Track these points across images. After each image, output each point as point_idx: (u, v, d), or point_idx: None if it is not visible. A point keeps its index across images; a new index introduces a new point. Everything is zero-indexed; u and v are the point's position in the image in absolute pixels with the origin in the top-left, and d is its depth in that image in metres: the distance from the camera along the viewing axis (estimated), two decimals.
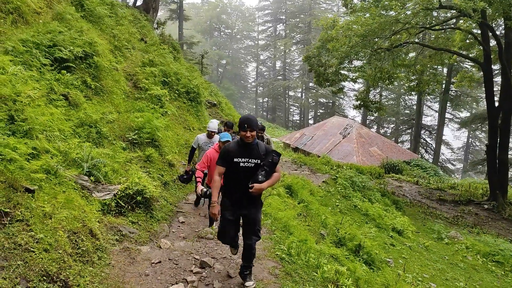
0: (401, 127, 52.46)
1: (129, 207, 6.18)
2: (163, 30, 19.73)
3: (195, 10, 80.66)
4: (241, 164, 4.23)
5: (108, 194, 6.03)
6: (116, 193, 6.09)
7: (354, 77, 22.39)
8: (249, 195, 4.23)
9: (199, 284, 4.48)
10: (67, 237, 4.11)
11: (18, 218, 3.82)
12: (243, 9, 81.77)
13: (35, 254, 3.59)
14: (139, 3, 21.01)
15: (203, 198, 7.98)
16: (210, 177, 6.01)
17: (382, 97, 52.76)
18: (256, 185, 4.16)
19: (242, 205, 4.34)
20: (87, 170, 5.96)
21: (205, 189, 5.17)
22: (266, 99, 76.40)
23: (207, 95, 17.71)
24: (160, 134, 9.18)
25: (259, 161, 4.25)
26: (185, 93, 13.26)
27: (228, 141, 5.66)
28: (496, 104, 18.53)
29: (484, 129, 37.96)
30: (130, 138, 8.46)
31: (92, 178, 5.91)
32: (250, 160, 4.24)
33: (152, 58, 12.72)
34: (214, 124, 7.76)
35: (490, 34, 17.68)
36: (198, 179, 5.69)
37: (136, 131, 8.70)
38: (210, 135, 7.72)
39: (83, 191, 5.51)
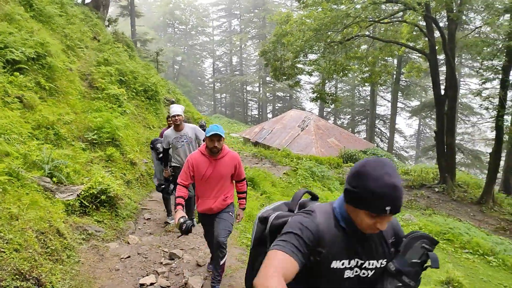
0: (356, 117, 53.89)
1: (94, 206, 6.24)
2: (116, 27, 19.47)
3: (147, 6, 79.30)
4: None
5: (71, 194, 6.08)
6: (80, 194, 6.14)
7: (309, 71, 22.88)
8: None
9: (169, 274, 4.68)
10: (36, 237, 4.19)
11: None
12: (197, 5, 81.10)
13: (6, 254, 3.66)
14: (88, 0, 20.56)
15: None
16: (197, 195, 4.38)
17: (338, 89, 54.00)
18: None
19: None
20: (49, 171, 5.98)
21: (182, 220, 3.70)
22: (224, 94, 76.35)
23: (165, 92, 17.69)
24: (121, 133, 9.20)
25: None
26: (142, 91, 13.24)
27: (218, 135, 4.02)
28: (442, 92, 19.51)
29: (433, 116, 39.67)
30: (89, 139, 8.45)
31: (54, 179, 5.94)
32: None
33: (107, 57, 12.61)
34: (175, 107, 6.09)
35: (434, 26, 18.56)
36: (178, 201, 4.01)
37: (95, 131, 8.69)
38: (175, 122, 6.04)
39: (46, 192, 5.54)
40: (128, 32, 35.86)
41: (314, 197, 1.98)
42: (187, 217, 3.81)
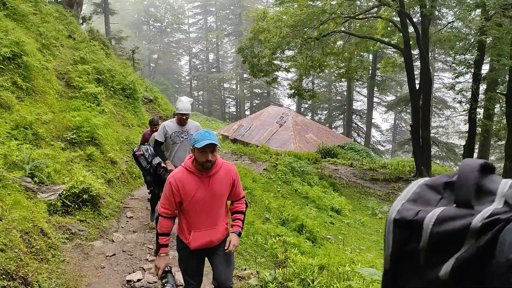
0: (334, 113, 54.41)
1: (76, 206, 6.20)
2: (91, 25, 19.19)
3: (121, 3, 78.12)
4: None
5: (53, 194, 6.03)
6: (61, 193, 6.09)
7: (287, 67, 23.05)
8: None
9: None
10: (20, 237, 4.16)
11: None
12: (172, 2, 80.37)
13: None
14: None
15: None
16: (185, 227, 3.24)
17: (315, 85, 54.38)
18: None
19: None
20: (29, 172, 5.92)
21: (164, 280, 3.10)
22: (201, 92, 75.96)
23: (143, 91, 17.56)
24: (100, 132, 9.12)
25: None
26: (121, 90, 13.13)
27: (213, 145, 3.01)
28: (417, 86, 19.93)
29: (408, 110, 40.39)
30: (68, 138, 8.35)
31: (36, 179, 5.89)
32: None
33: (83, 55, 12.45)
34: (185, 103, 5.28)
35: (408, 21, 18.93)
36: (161, 240, 3.20)
37: (74, 131, 8.60)
38: (181, 119, 5.33)
39: (28, 192, 5.49)
40: (102, 30, 35.33)
41: (491, 169, 0.88)
42: (172, 271, 3.17)
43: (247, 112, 64.89)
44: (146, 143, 7.36)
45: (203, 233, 3.18)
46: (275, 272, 4.25)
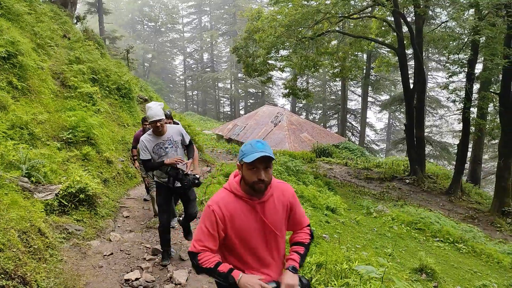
0: (328, 112, 54.53)
1: (72, 205, 6.20)
2: (86, 25, 19.11)
3: (115, 3, 77.85)
4: None
5: (49, 194, 6.02)
6: (58, 193, 6.09)
7: (281, 66, 23.06)
8: None
9: (153, 269, 4.73)
10: (18, 237, 4.17)
11: None
12: (166, 1, 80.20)
13: None
14: None
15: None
16: (237, 265, 2.42)
17: (309, 85, 54.46)
18: None
19: None
20: (26, 171, 5.91)
21: None
22: (196, 92, 75.89)
23: (138, 90, 17.52)
24: (96, 132, 9.12)
25: None
26: (116, 89, 13.09)
27: (267, 158, 2.30)
28: (411, 86, 20.03)
29: (402, 110, 40.57)
30: (64, 138, 8.34)
31: (33, 179, 5.88)
32: None
33: (79, 55, 12.40)
34: (154, 108, 4.62)
35: (402, 21, 19.03)
36: (223, 269, 2.30)
37: (70, 130, 8.58)
38: (156, 128, 4.66)
39: (25, 192, 5.48)
40: (96, 30, 35.18)
41: None
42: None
43: (242, 112, 64.91)
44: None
45: (262, 273, 2.42)
46: None
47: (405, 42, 19.73)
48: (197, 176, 4.86)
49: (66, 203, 6.07)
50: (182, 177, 4.70)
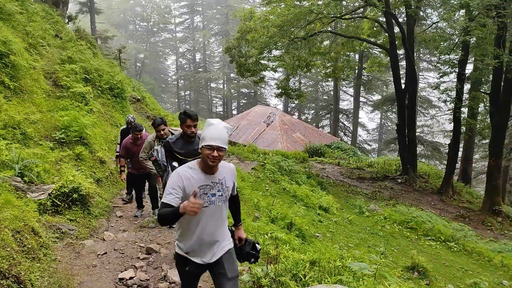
0: (320, 112, 54.66)
1: (66, 205, 6.18)
2: (78, 25, 19.02)
3: (107, 2, 77.37)
4: None
5: (42, 194, 6.00)
6: (51, 193, 6.07)
7: (274, 66, 23.09)
8: None
9: (148, 268, 4.74)
10: (12, 236, 4.16)
11: None
12: (158, 1, 79.93)
13: None
14: None
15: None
16: None
17: (301, 85, 54.64)
18: None
19: None
20: (19, 171, 5.89)
21: None
22: (188, 92, 75.69)
23: (130, 90, 17.49)
24: (89, 131, 9.09)
25: None
26: (108, 89, 13.06)
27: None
28: (403, 86, 20.17)
29: (394, 110, 40.77)
30: (57, 138, 8.31)
31: (26, 178, 5.86)
32: None
33: (71, 54, 12.35)
34: (220, 131, 2.80)
35: (394, 21, 19.14)
36: None
37: (63, 130, 8.55)
38: (213, 160, 2.75)
39: (18, 192, 5.47)
40: (88, 29, 35.00)
41: None
42: None
43: (234, 112, 64.90)
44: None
45: None
46: (267, 268, 4.30)
47: (396, 42, 19.86)
48: (255, 242, 3.45)
49: (59, 203, 6.05)
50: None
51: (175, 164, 4.09)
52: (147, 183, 7.30)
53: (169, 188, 2.77)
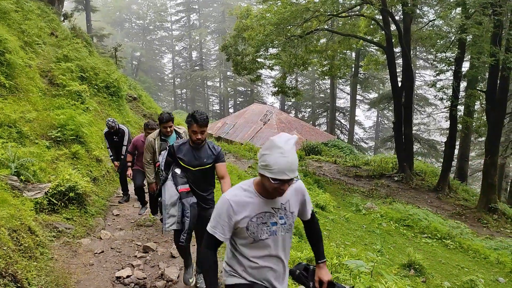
0: (317, 110, 54.72)
1: (62, 204, 6.16)
2: (73, 23, 18.93)
3: (103, 0, 77.28)
4: None
5: (39, 192, 5.98)
6: (47, 191, 6.05)
7: (270, 65, 23.09)
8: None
9: (145, 267, 4.74)
10: (9, 235, 4.15)
11: None
12: None
13: None
14: None
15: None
16: None
17: (298, 83, 54.60)
18: None
19: None
20: (15, 170, 5.87)
21: None
22: (185, 90, 75.60)
23: (127, 88, 17.43)
24: (85, 130, 9.07)
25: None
26: (104, 87, 13.01)
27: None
28: (399, 84, 20.19)
29: (390, 108, 40.83)
30: (53, 136, 8.28)
31: (22, 177, 5.84)
32: None
33: (67, 53, 12.29)
34: (292, 157, 2.12)
35: (390, 19, 19.17)
36: None
37: (59, 129, 8.52)
38: (281, 188, 2.20)
39: (14, 191, 5.45)
40: (84, 27, 34.85)
41: None
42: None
43: (231, 110, 64.85)
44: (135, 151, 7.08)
45: None
46: None
47: (393, 40, 19.88)
48: None
49: (56, 202, 6.03)
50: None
51: (177, 170, 3.87)
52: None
53: (216, 216, 2.33)
